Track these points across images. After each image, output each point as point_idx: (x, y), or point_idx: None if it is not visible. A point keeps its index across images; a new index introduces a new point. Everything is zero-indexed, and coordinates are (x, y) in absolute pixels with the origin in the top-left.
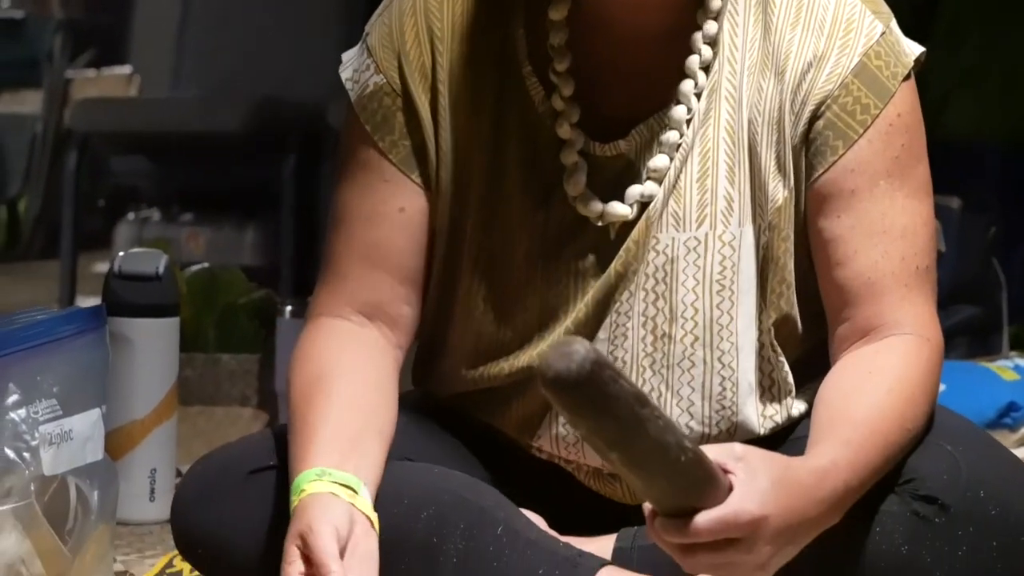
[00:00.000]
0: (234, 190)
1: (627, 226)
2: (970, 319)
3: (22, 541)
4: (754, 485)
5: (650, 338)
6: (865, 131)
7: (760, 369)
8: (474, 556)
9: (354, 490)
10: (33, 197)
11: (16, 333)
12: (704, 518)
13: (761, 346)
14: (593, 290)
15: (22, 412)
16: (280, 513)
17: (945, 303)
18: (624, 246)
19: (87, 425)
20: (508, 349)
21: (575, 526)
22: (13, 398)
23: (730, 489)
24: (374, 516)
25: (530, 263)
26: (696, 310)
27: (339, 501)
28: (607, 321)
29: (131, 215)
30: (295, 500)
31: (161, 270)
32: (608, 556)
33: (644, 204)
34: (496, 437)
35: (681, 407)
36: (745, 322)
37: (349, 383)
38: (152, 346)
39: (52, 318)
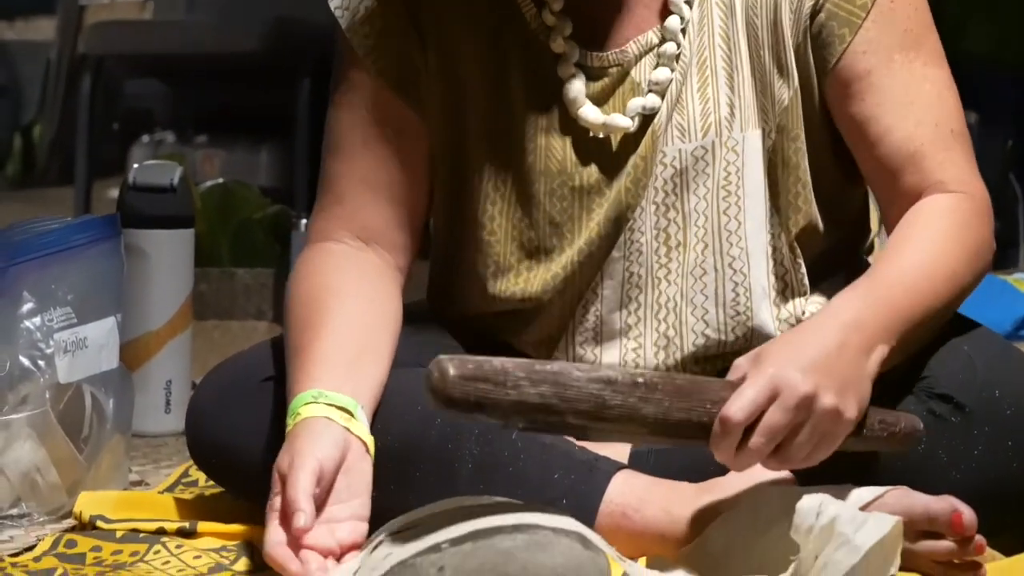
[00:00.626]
0: (249, 112)
1: (631, 143)
2: None
3: (37, 449)
4: (760, 354)
5: (663, 249)
6: (868, 14)
7: (774, 273)
8: (489, 461)
9: (350, 412)
10: (48, 123)
11: (30, 241)
12: (730, 402)
13: (774, 249)
14: (603, 208)
15: (37, 320)
16: None
17: None
18: (631, 162)
19: (102, 333)
20: (519, 270)
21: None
22: (28, 306)
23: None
24: (370, 440)
25: (534, 181)
26: (706, 217)
27: (332, 427)
28: (621, 239)
29: (145, 138)
30: (290, 424)
31: (176, 182)
32: (625, 461)
33: (645, 117)
34: (514, 354)
35: (696, 316)
36: (754, 226)
37: (347, 304)
38: (167, 258)
39: (66, 226)
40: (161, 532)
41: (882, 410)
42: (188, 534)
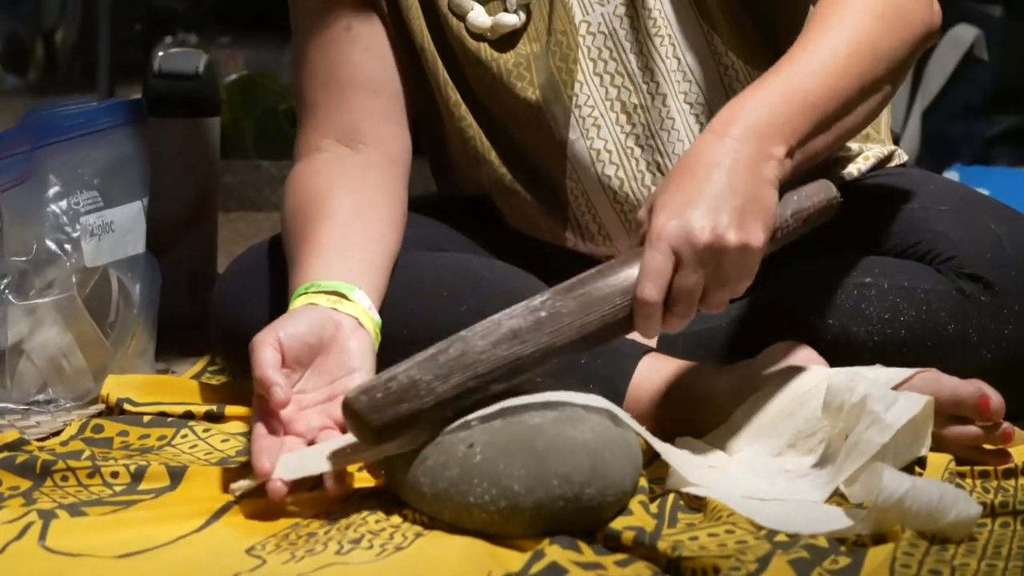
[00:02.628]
0: (272, 9)
1: (540, 31)
2: (1014, 127)
3: (63, 333)
4: (653, 207)
5: (623, 117)
6: None
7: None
8: None
9: (342, 295)
10: (69, 27)
11: (56, 124)
12: (639, 285)
13: (724, 70)
14: (536, 97)
15: (63, 203)
16: None
17: (989, 111)
18: (553, 40)
19: (128, 217)
20: (495, 161)
21: None
22: (54, 189)
23: None
24: (366, 315)
25: (475, 88)
26: (652, 69)
27: (309, 310)
28: (571, 120)
29: (168, 39)
30: None
31: (201, 69)
32: (653, 345)
33: (528, 6)
34: (526, 235)
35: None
36: (697, 56)
37: (333, 202)
38: (192, 145)
39: (92, 109)
40: (189, 416)
41: (792, 195)
42: (216, 418)
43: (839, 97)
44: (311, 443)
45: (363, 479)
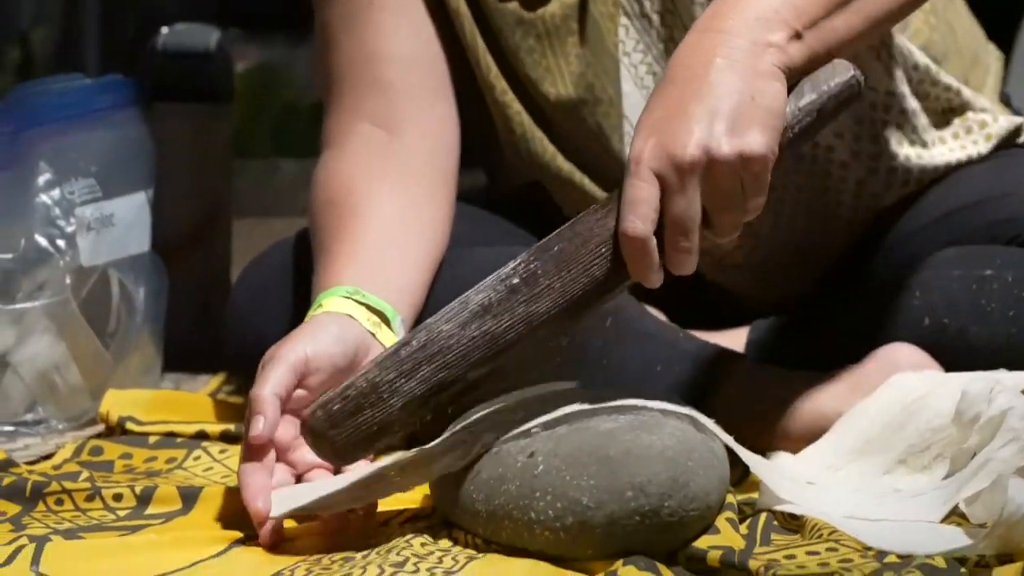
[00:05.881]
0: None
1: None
2: None
3: (56, 344)
4: (637, 128)
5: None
6: None
7: None
8: (580, 355)
9: (385, 319)
10: (50, 27)
11: (46, 103)
12: (621, 219)
13: None
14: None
15: (55, 193)
16: None
17: None
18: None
19: (131, 210)
20: (542, 140)
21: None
22: (45, 177)
23: None
24: None
25: (511, 57)
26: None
27: (350, 325)
28: (622, 71)
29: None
30: (308, 317)
31: (212, 47)
32: (740, 349)
33: None
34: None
35: None
36: None
37: (377, 201)
38: (202, 136)
39: (86, 86)
40: (202, 436)
41: (803, 84)
42: (234, 439)
43: None
44: (299, 478)
45: (405, 500)
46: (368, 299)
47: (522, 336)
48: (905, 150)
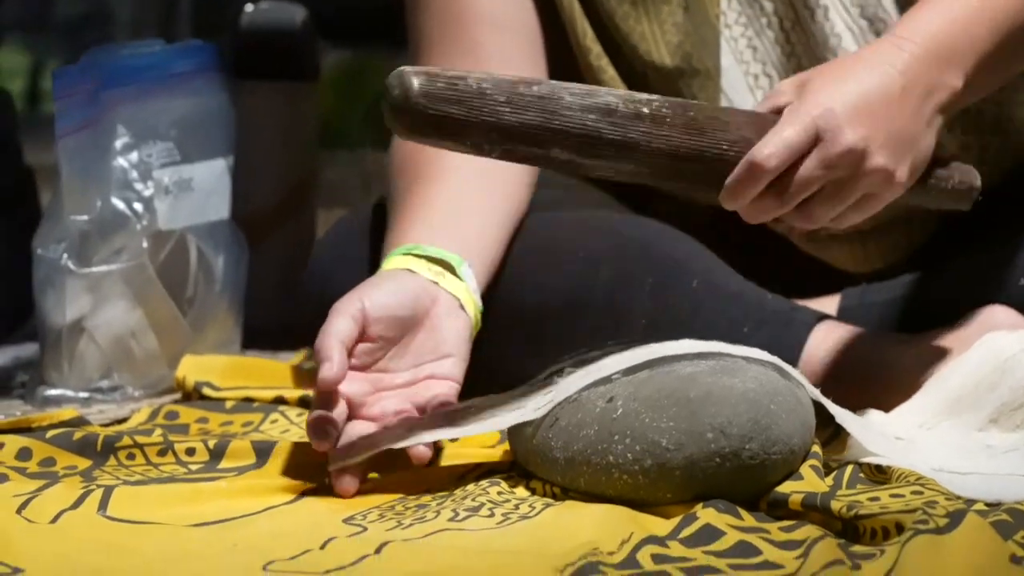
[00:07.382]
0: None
1: None
2: None
3: (132, 309)
4: (806, 83)
5: (781, 36)
6: None
7: None
8: (665, 317)
9: (448, 266)
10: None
11: (124, 65)
12: (763, 144)
13: None
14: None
15: (133, 156)
16: None
17: None
18: None
19: (211, 176)
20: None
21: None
22: (123, 140)
23: None
24: (470, 297)
25: (609, 26)
26: None
27: (409, 278)
28: (722, 44)
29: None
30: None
31: (298, 25)
32: (832, 312)
33: None
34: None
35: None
36: None
37: (450, 171)
38: (286, 116)
39: (164, 51)
40: (280, 401)
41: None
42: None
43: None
44: None
45: (481, 454)
46: (428, 251)
47: (615, 155)
48: None
